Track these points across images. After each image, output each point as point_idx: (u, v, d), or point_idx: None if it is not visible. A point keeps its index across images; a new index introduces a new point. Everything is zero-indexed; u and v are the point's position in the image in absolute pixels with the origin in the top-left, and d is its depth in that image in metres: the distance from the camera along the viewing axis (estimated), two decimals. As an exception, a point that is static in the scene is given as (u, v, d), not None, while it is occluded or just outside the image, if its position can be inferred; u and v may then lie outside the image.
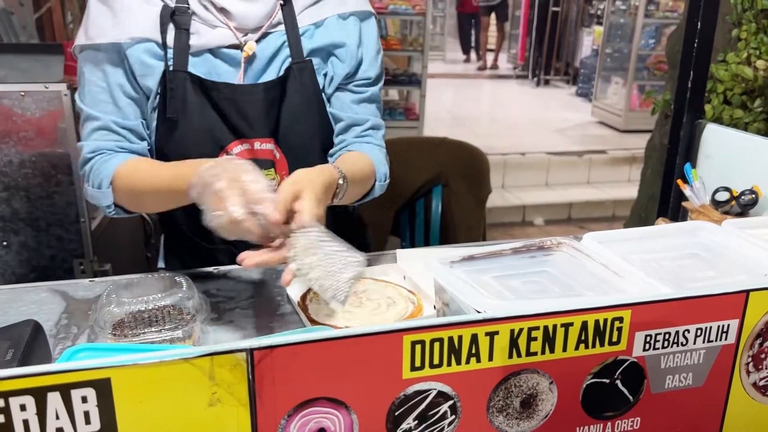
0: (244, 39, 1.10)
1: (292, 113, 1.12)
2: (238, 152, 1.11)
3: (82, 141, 1.10)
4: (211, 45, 1.08)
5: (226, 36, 1.09)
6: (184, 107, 1.07)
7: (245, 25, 1.10)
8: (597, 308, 0.58)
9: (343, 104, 1.18)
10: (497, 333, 0.56)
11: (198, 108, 1.08)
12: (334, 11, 1.15)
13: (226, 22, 1.09)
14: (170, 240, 1.31)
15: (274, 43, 1.12)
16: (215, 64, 1.09)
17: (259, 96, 1.09)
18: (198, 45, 1.07)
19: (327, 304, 0.92)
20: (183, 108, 1.07)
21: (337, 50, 1.16)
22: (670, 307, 0.61)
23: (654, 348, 0.62)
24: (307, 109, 1.13)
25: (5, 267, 1.64)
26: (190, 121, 1.08)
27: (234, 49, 1.10)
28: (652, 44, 6.51)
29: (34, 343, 0.84)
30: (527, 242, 0.77)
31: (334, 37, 1.15)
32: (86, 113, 1.09)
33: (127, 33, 1.04)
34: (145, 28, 1.05)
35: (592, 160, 5.39)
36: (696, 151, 1.44)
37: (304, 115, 1.13)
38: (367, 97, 1.20)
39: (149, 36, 1.05)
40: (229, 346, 0.50)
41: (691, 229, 0.84)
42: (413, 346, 0.55)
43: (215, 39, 1.08)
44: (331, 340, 0.52)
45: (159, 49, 1.06)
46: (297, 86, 1.12)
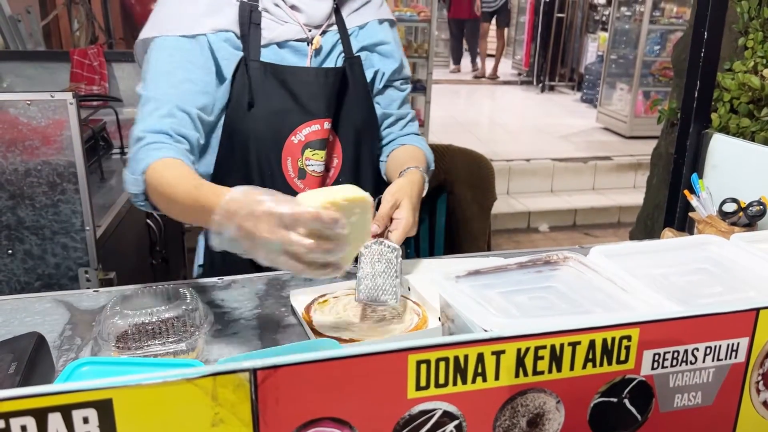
0: (310, 34, 1.23)
1: (349, 100, 1.26)
2: (307, 133, 1.22)
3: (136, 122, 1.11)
4: (281, 38, 1.20)
5: (295, 30, 1.21)
6: (258, 93, 1.18)
7: (311, 22, 1.23)
8: (605, 327, 0.58)
9: (392, 100, 1.35)
10: (504, 352, 0.56)
11: (270, 93, 1.19)
12: (373, 17, 1.31)
13: (296, 19, 1.21)
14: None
15: (331, 40, 1.26)
16: (282, 55, 1.21)
17: (328, 79, 1.21)
18: (269, 38, 1.19)
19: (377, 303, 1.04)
20: (258, 93, 1.18)
21: (380, 47, 1.31)
22: (678, 325, 0.60)
23: (662, 366, 0.61)
24: (358, 99, 1.28)
25: (10, 275, 1.64)
26: (264, 104, 1.19)
27: (300, 42, 1.22)
28: (657, 50, 6.49)
29: (38, 355, 0.84)
30: (533, 257, 0.76)
31: (375, 37, 1.30)
32: (147, 96, 1.12)
33: (211, 25, 1.15)
34: (226, 21, 1.16)
35: (597, 167, 5.37)
36: (703, 161, 1.43)
37: (358, 104, 1.28)
38: (407, 94, 1.39)
39: (229, 28, 1.16)
40: (232, 366, 0.50)
41: (699, 243, 0.83)
42: (418, 366, 0.54)
43: (285, 33, 1.21)
44: (336, 359, 0.52)
45: (237, 39, 1.17)
46: (352, 79, 1.26)
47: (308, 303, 1.12)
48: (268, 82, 1.19)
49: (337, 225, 0.78)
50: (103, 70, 2.62)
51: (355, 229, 0.86)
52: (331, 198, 0.84)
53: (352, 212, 0.86)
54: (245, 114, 1.19)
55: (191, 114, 1.13)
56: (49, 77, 2.65)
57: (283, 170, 1.23)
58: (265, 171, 1.22)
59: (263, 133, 1.20)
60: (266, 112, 1.19)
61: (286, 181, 1.24)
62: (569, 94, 8.85)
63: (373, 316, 1.10)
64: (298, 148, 1.22)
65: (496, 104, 8.42)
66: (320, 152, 1.23)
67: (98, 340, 0.91)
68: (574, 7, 8.85)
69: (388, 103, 1.35)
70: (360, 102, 1.28)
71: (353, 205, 0.86)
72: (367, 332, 1.04)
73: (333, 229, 0.78)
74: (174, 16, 1.15)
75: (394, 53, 1.32)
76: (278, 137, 1.20)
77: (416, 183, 1.16)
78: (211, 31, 1.15)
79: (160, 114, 1.09)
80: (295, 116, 1.21)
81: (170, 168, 1.04)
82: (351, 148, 1.29)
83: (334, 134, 1.27)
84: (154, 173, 1.04)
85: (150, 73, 1.13)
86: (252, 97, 1.18)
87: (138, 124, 1.10)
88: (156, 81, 1.12)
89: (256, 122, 1.19)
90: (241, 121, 1.19)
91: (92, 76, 2.59)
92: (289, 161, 1.23)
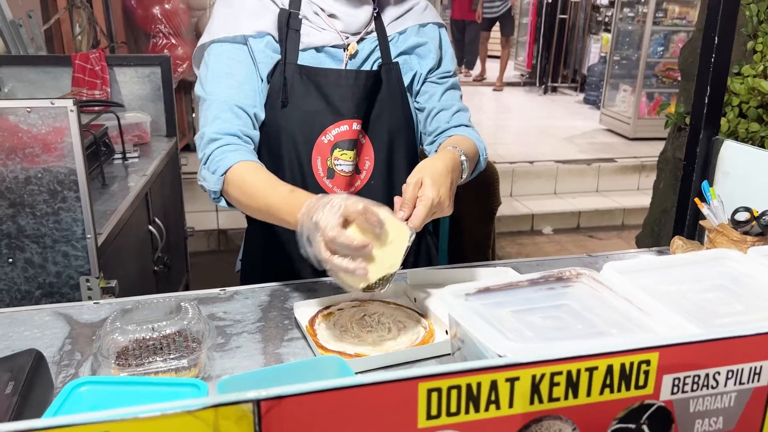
0: (347, 41, 1.27)
1: (382, 103, 1.29)
2: (336, 133, 1.26)
3: (203, 125, 1.19)
4: (318, 44, 1.26)
5: (332, 37, 1.26)
6: (293, 94, 1.23)
7: (348, 30, 1.27)
8: (623, 351, 0.55)
9: (430, 95, 1.34)
10: (518, 378, 0.53)
11: (303, 94, 1.24)
12: (414, 22, 1.34)
13: (333, 26, 1.26)
14: (252, 234, 1.41)
15: (369, 47, 1.29)
16: (320, 59, 1.26)
17: (359, 81, 1.25)
18: (307, 43, 1.25)
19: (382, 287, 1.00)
20: (292, 94, 1.23)
21: (418, 49, 1.33)
22: (699, 348, 0.58)
23: (683, 391, 0.58)
24: (393, 103, 1.31)
25: (11, 284, 1.62)
26: (298, 105, 1.24)
27: (336, 48, 1.27)
28: (661, 51, 6.46)
29: (36, 374, 0.82)
30: (545, 273, 0.74)
31: (413, 41, 1.33)
32: (210, 99, 1.20)
33: (253, 27, 1.22)
34: (267, 25, 1.23)
35: (600, 169, 5.34)
36: (713, 168, 1.41)
37: (392, 108, 1.30)
38: (450, 85, 1.36)
39: (269, 31, 1.23)
40: (235, 397, 0.47)
41: (715, 257, 0.80)
42: (429, 394, 0.52)
43: (322, 39, 1.26)
44: (342, 389, 0.49)
45: (276, 43, 1.24)
46: (387, 83, 1.29)
47: (312, 315, 1.10)
48: (302, 84, 1.24)
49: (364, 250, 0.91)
50: (105, 75, 2.60)
51: (387, 254, 0.95)
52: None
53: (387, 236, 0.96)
54: (279, 113, 1.24)
55: (250, 113, 1.21)
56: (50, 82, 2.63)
57: (312, 169, 1.27)
58: (295, 169, 1.27)
59: (295, 132, 1.25)
60: (298, 112, 1.24)
61: (316, 180, 1.28)
62: (572, 95, 8.81)
63: (379, 328, 1.08)
64: (328, 148, 1.26)
65: (498, 106, 8.39)
66: (349, 152, 1.27)
67: (98, 357, 0.89)
68: (577, 9, 8.81)
69: (427, 99, 1.35)
70: (394, 106, 1.31)
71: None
72: (372, 345, 1.02)
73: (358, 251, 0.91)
74: (224, 22, 1.24)
75: (431, 52, 1.33)
76: (309, 137, 1.25)
77: (445, 160, 1.11)
78: (252, 33, 1.22)
79: (228, 116, 1.18)
80: (325, 116, 1.25)
81: (251, 171, 1.13)
82: (384, 151, 1.30)
83: (366, 136, 1.29)
84: (234, 175, 1.13)
85: (210, 76, 1.22)
86: (286, 97, 1.23)
87: (210, 125, 1.18)
88: (217, 83, 1.21)
89: (289, 121, 1.24)
90: (274, 120, 1.25)
91: (94, 80, 2.57)
92: (318, 161, 1.27)
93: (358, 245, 0.90)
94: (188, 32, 4.39)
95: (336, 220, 0.91)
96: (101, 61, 2.58)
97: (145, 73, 2.67)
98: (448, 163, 1.10)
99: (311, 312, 1.11)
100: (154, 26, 4.18)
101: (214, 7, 1.29)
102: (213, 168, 1.15)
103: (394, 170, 1.33)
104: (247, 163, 1.14)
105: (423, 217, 1.02)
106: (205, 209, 4.37)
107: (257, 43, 1.23)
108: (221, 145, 1.15)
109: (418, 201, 1.03)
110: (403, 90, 1.32)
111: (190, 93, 5.04)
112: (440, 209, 1.05)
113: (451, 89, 1.37)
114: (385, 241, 0.95)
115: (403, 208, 1.03)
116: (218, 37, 1.23)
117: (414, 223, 1.02)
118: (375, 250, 0.93)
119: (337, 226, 0.91)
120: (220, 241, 4.22)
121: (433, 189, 1.03)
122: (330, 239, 0.90)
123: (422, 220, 1.02)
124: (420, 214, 1.02)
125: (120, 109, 2.43)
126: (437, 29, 1.37)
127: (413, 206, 1.03)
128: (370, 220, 0.92)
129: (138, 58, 2.83)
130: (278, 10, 1.24)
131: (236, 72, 1.21)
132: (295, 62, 1.24)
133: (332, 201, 0.94)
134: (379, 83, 1.28)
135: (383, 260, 0.95)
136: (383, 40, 1.30)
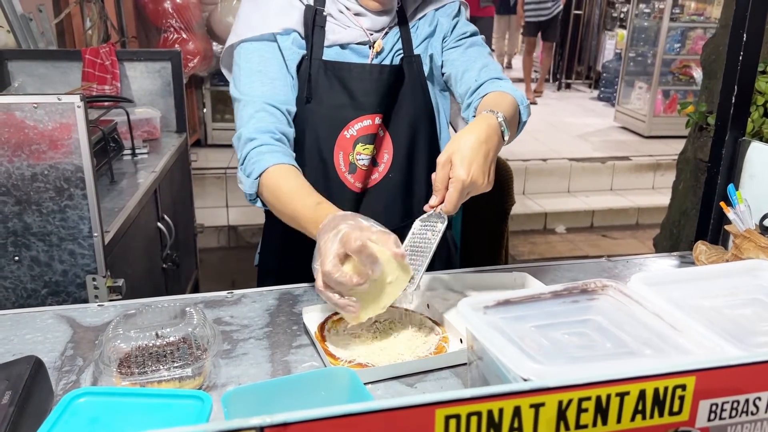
0: (372, 37, 1.27)
1: (403, 96, 1.28)
2: (359, 128, 1.25)
3: (240, 126, 1.19)
4: (344, 41, 1.26)
5: (357, 34, 1.26)
6: (317, 89, 1.24)
7: (373, 27, 1.27)
8: (657, 375, 0.51)
9: (452, 61, 1.30)
10: (543, 404, 0.49)
11: (327, 89, 1.24)
12: (432, 7, 1.32)
13: (359, 24, 1.26)
14: (270, 229, 1.41)
15: (391, 40, 1.29)
16: (344, 55, 1.26)
17: (383, 76, 1.24)
18: (332, 40, 1.25)
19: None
20: (316, 89, 1.24)
21: (436, 32, 1.31)
22: (739, 372, 0.53)
23: (720, 418, 0.54)
24: (413, 96, 1.29)
25: (17, 282, 1.60)
26: (321, 100, 1.24)
27: (361, 45, 1.27)
28: (678, 48, 6.36)
29: (35, 383, 0.79)
30: (569, 285, 0.69)
31: (432, 25, 1.31)
32: (245, 99, 1.20)
33: (280, 24, 1.23)
34: (293, 22, 1.23)
35: (615, 167, 5.26)
36: (739, 171, 1.35)
37: (411, 101, 1.29)
38: (469, 44, 1.32)
39: (296, 28, 1.24)
40: (238, 424, 0.44)
41: (748, 268, 0.76)
42: (447, 421, 0.48)
43: (347, 36, 1.26)
44: (352, 416, 0.46)
45: (301, 39, 1.24)
46: (408, 76, 1.28)
47: (322, 321, 1.07)
48: (326, 79, 1.24)
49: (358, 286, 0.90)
50: (115, 70, 2.57)
51: (383, 294, 0.95)
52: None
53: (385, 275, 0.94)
54: (303, 108, 1.24)
55: (283, 110, 1.20)
56: (60, 76, 2.61)
57: (335, 164, 1.27)
58: (317, 165, 1.26)
59: (318, 127, 1.25)
60: (322, 107, 1.24)
61: (337, 174, 1.27)
62: (586, 92, 8.72)
63: (391, 335, 1.04)
64: (350, 143, 1.26)
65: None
66: (369, 146, 1.26)
67: (99, 364, 0.86)
68: (592, 4, 8.70)
69: (450, 65, 1.30)
70: (415, 98, 1.29)
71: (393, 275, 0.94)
72: (383, 355, 0.98)
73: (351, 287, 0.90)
74: (251, 21, 1.24)
75: (443, 28, 1.31)
76: (332, 132, 1.25)
77: (478, 130, 1.01)
78: (279, 31, 1.23)
79: (262, 115, 1.18)
80: (348, 111, 1.25)
81: (284, 177, 1.12)
82: (403, 144, 1.29)
83: (385, 130, 1.28)
84: (269, 179, 1.12)
85: (242, 75, 1.22)
86: (310, 92, 1.24)
87: (246, 125, 1.17)
88: (250, 82, 1.21)
89: (313, 116, 1.25)
90: (299, 116, 1.24)
91: (104, 75, 2.55)
92: (341, 155, 1.26)
93: (351, 284, 0.89)
94: (199, 27, 4.36)
95: (334, 252, 0.89)
96: (111, 55, 2.56)
97: (156, 68, 2.65)
98: (481, 133, 1.01)
99: (320, 318, 1.08)
100: (165, 21, 4.15)
101: (240, 7, 1.29)
102: (248, 171, 1.14)
103: (413, 163, 1.31)
104: (281, 167, 1.13)
105: (455, 201, 0.97)
106: (214, 205, 4.35)
107: (284, 40, 1.23)
108: (257, 146, 1.15)
109: (450, 183, 0.97)
110: (424, 82, 1.30)
111: (200, 88, 5.02)
112: (474, 188, 0.98)
113: (471, 47, 1.31)
114: (382, 279, 0.93)
115: (435, 193, 0.98)
116: (246, 37, 1.23)
117: (447, 208, 0.98)
118: (371, 288, 0.93)
119: (335, 260, 0.89)
120: (230, 238, 4.20)
121: (462, 168, 0.96)
122: (326, 273, 0.90)
123: (455, 203, 0.97)
124: (452, 199, 0.97)
125: (129, 105, 2.40)
126: (455, 4, 1.34)
127: (445, 189, 0.97)
128: (364, 262, 0.89)
129: (148, 52, 2.80)
130: (304, 7, 1.25)
131: (268, 69, 1.22)
132: (320, 58, 1.24)
133: (339, 227, 0.92)
134: (402, 77, 1.27)
135: (377, 300, 0.95)
136: (405, 31, 1.30)
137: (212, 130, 5.13)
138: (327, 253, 0.90)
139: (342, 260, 0.90)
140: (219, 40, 4.59)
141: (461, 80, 1.26)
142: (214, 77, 5.06)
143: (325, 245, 0.91)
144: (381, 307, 0.95)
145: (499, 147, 1.04)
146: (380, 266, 0.91)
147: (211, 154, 4.83)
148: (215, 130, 5.12)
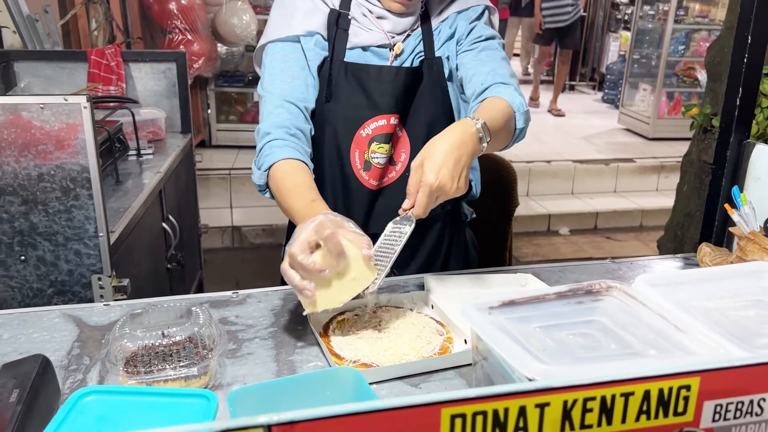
0: (393, 40, 1.30)
1: (421, 98, 1.31)
2: (374, 127, 1.29)
3: (261, 121, 1.24)
4: (365, 44, 1.30)
5: (379, 37, 1.30)
6: (336, 89, 1.28)
7: (395, 30, 1.31)
8: (662, 375, 0.51)
9: (464, 64, 1.32)
10: (548, 404, 0.50)
11: (346, 89, 1.29)
12: (454, 10, 1.34)
13: (381, 27, 1.30)
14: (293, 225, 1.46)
15: (413, 43, 1.32)
16: (366, 57, 1.30)
17: (399, 77, 1.28)
18: (354, 42, 1.29)
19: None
20: (336, 89, 1.28)
21: (455, 35, 1.32)
22: (744, 373, 0.54)
23: (725, 419, 0.54)
24: (432, 97, 1.32)
25: (23, 282, 1.60)
26: (339, 99, 1.28)
27: (382, 48, 1.31)
28: (682, 50, 6.35)
29: (42, 381, 0.79)
30: (573, 286, 0.70)
31: (452, 28, 1.33)
32: (266, 96, 1.26)
33: (304, 27, 1.28)
34: (316, 24, 1.29)
35: (619, 169, 5.26)
36: (744, 173, 1.35)
37: (430, 102, 1.32)
38: (484, 46, 1.32)
39: (319, 30, 1.29)
40: (244, 422, 0.44)
41: (753, 270, 0.76)
42: (452, 420, 0.48)
43: (369, 39, 1.30)
44: (359, 414, 0.46)
45: (324, 41, 1.30)
46: (427, 77, 1.31)
47: (326, 321, 1.07)
48: (346, 80, 1.29)
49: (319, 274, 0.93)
50: (121, 71, 2.58)
51: (343, 289, 0.97)
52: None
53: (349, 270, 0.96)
54: (322, 107, 1.29)
55: (301, 107, 1.25)
56: (66, 77, 2.62)
57: (351, 162, 1.30)
58: (334, 162, 1.31)
59: (336, 125, 1.29)
60: (340, 106, 1.29)
61: (353, 172, 1.31)
62: (590, 93, 8.71)
63: (395, 336, 1.04)
64: (366, 142, 1.29)
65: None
66: (385, 146, 1.30)
67: (106, 363, 0.86)
68: (596, 6, 8.69)
69: (464, 69, 1.31)
70: (434, 100, 1.32)
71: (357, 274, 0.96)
72: (388, 355, 0.98)
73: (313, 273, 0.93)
74: (278, 24, 1.31)
75: (460, 31, 1.33)
76: (349, 130, 1.29)
77: (451, 136, 1.03)
78: (303, 33, 1.28)
79: (280, 111, 1.23)
80: (365, 111, 1.29)
81: (290, 172, 1.16)
82: (421, 144, 1.29)
83: (403, 129, 1.32)
84: (276, 173, 1.16)
85: (267, 73, 1.29)
86: (330, 92, 1.28)
87: (264, 120, 1.23)
88: (272, 80, 1.27)
89: (331, 115, 1.29)
90: (318, 114, 1.29)
91: (109, 76, 2.56)
92: (356, 153, 1.30)
93: (312, 269, 0.92)
94: (204, 28, 4.37)
95: (305, 238, 0.93)
96: (117, 56, 2.57)
97: (161, 69, 2.66)
98: (455, 139, 1.03)
99: (325, 318, 1.08)
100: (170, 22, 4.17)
101: (271, 10, 1.37)
102: (260, 163, 1.20)
103: None
104: (290, 163, 1.17)
105: (425, 205, 1.00)
106: (219, 206, 4.37)
107: (307, 42, 1.29)
108: (271, 140, 1.20)
109: (420, 187, 1.01)
110: (444, 84, 1.33)
111: (205, 89, 5.04)
112: (442, 192, 1.01)
113: (484, 51, 1.31)
114: (345, 274, 0.96)
115: (409, 197, 1.02)
116: (273, 38, 1.29)
117: (416, 212, 1.02)
118: (333, 281, 0.95)
119: (305, 244, 0.93)
120: (234, 238, 4.21)
121: (432, 173, 0.99)
122: (291, 254, 0.93)
123: (424, 207, 1.00)
124: (421, 203, 1.00)
125: (135, 106, 2.41)
126: (479, 7, 1.35)
127: (417, 193, 1.02)
128: (330, 249, 0.93)
129: (153, 53, 2.81)
130: (328, 10, 1.30)
131: (289, 68, 1.27)
132: (342, 59, 1.29)
133: (317, 218, 0.96)
134: (420, 78, 1.30)
135: (336, 293, 0.97)
136: (427, 34, 1.32)
137: (217, 131, 5.14)
138: (298, 237, 0.94)
139: (312, 248, 0.94)
140: (224, 41, 4.61)
141: (469, 83, 1.29)
142: (219, 78, 5.07)
143: (299, 230, 0.96)
144: (339, 302, 0.97)
145: (474, 153, 1.05)
146: (346, 260, 0.94)
147: (215, 154, 4.84)
148: (220, 131, 5.14)
